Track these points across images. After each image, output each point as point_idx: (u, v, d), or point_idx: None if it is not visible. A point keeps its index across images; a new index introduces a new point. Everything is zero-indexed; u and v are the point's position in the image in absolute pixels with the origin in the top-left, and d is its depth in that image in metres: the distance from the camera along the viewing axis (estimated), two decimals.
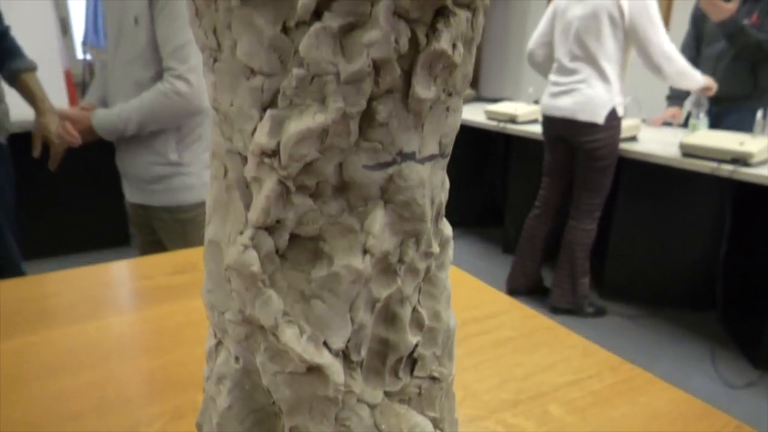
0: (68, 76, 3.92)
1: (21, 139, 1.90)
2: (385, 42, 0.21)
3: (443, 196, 0.28)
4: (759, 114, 2.28)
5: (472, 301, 0.84)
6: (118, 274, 0.90)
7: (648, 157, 2.37)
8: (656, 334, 2.50)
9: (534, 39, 2.54)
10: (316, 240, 0.25)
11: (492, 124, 3.16)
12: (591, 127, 2.30)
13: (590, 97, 2.28)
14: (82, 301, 0.78)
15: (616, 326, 2.58)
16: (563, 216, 2.64)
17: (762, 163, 2.12)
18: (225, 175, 0.26)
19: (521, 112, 3.06)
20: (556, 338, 0.75)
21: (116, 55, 1.37)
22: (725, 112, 2.61)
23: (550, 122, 2.46)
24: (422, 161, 0.25)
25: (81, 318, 0.73)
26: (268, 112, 0.22)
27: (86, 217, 3.27)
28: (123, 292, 0.82)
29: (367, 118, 0.23)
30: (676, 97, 2.89)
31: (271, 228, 0.24)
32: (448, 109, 0.25)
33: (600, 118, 2.27)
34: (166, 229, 1.49)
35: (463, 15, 0.23)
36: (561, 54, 2.38)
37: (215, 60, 0.24)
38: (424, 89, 0.23)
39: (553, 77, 2.44)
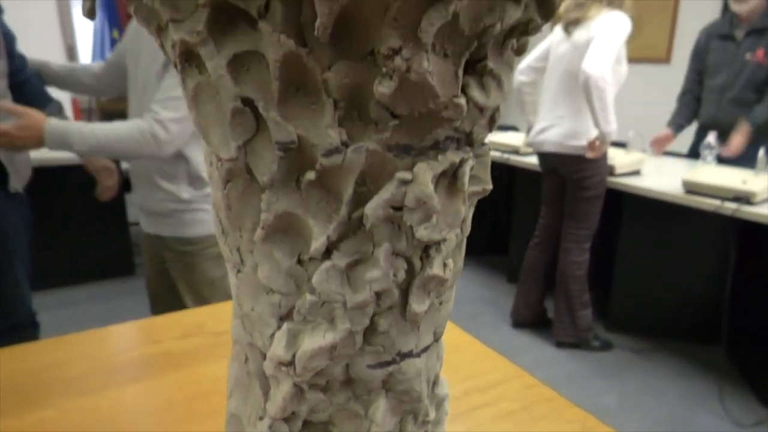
0: (75, 103, 3.99)
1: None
2: (385, 278, 0.25)
3: (438, 365, 0.31)
4: (761, 152, 2.31)
5: (474, 369, 0.86)
6: (128, 338, 0.94)
7: (650, 192, 2.40)
8: (663, 369, 2.50)
9: (522, 69, 2.57)
10: (327, 424, 0.28)
11: (496, 155, 3.20)
12: (577, 158, 2.34)
13: (574, 130, 2.32)
14: (94, 371, 0.81)
15: (622, 360, 2.58)
16: (556, 251, 2.67)
17: (765, 201, 2.14)
18: (246, 361, 0.29)
19: (523, 143, 3.10)
20: (556, 411, 0.77)
21: (142, 101, 1.43)
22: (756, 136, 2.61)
23: (541, 155, 2.52)
24: (419, 354, 0.28)
25: (93, 389, 0.76)
26: (285, 326, 0.26)
27: (91, 248, 3.33)
28: (133, 359, 0.85)
29: (370, 329, 0.26)
30: (678, 124, 2.90)
31: (286, 418, 0.27)
32: (441, 303, 0.29)
33: (585, 150, 2.31)
34: (174, 259, 1.59)
35: (452, 234, 0.26)
36: (548, 88, 2.42)
37: (238, 271, 0.27)
38: (419, 305, 0.26)
39: (540, 112, 2.49)
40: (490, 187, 0.28)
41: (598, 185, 2.40)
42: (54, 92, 1.77)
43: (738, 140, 2.53)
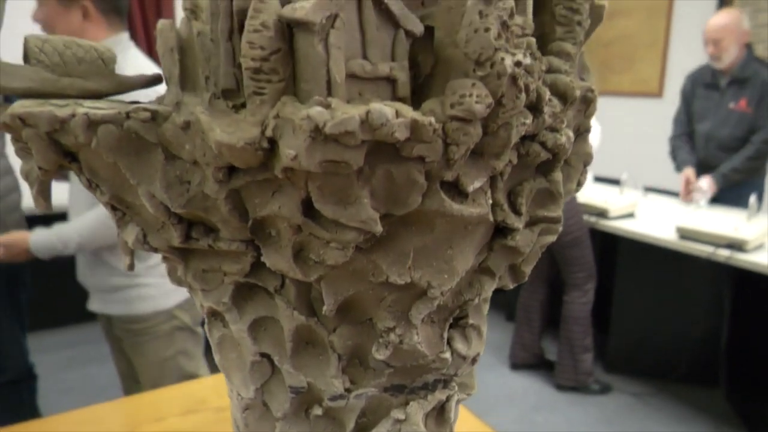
0: None
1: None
2: None
3: None
4: (752, 198, 2.36)
5: None
6: (130, 415, 0.96)
7: (644, 237, 2.44)
8: (662, 413, 2.51)
9: None
10: None
11: None
12: None
13: None
14: None
15: (621, 404, 2.59)
16: (557, 288, 2.70)
17: (756, 248, 2.18)
18: None
19: None
20: None
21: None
22: (724, 188, 2.67)
23: None
24: None
25: None
26: None
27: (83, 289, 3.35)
28: None
29: None
30: (690, 160, 2.80)
31: None
32: None
33: None
34: (126, 338, 1.55)
35: None
36: None
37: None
38: None
39: None
40: (474, 392, 0.32)
41: (575, 227, 2.42)
42: None
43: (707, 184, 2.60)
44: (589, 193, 2.80)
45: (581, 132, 0.41)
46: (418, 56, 0.33)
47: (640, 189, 3.05)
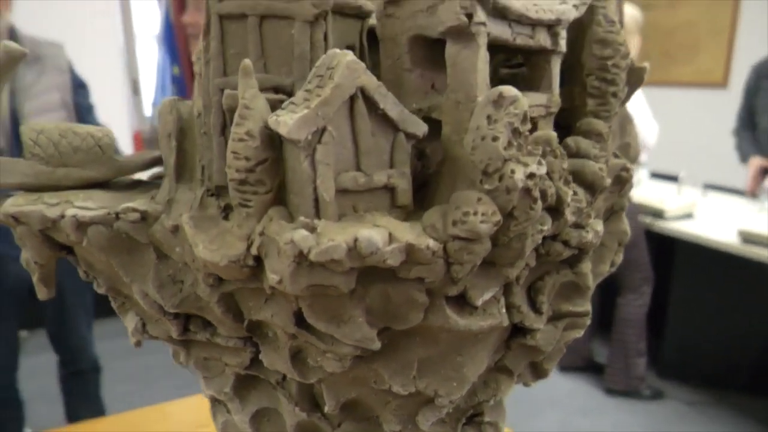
0: (137, 139, 4.15)
1: None
2: None
3: None
4: None
5: None
6: (192, 414, 0.96)
7: (703, 240, 2.32)
8: (718, 425, 2.40)
9: None
10: None
11: None
12: None
13: None
14: None
15: (673, 413, 2.49)
16: (609, 291, 2.60)
17: None
18: None
19: None
20: None
21: None
22: None
23: None
24: None
25: None
26: None
27: None
28: None
29: None
30: (748, 150, 2.59)
31: None
32: None
33: None
34: None
35: None
36: None
37: None
38: None
39: None
40: None
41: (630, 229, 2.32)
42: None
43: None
44: (645, 192, 2.67)
45: (615, 211, 0.37)
46: (426, 147, 0.31)
47: (699, 187, 2.89)
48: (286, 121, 0.24)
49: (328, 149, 0.25)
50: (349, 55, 0.25)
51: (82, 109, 1.65)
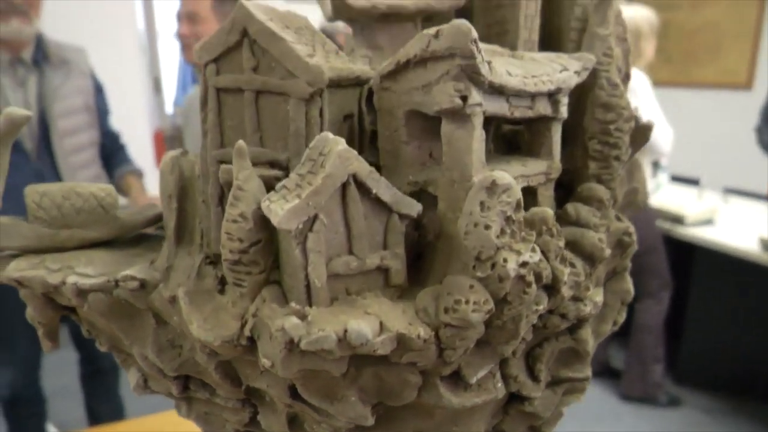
0: (157, 138, 4.16)
1: None
2: None
3: None
4: None
5: None
6: None
7: (723, 248, 2.28)
8: None
9: None
10: None
11: None
12: None
13: None
14: None
15: (690, 420, 2.46)
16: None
17: None
18: None
19: None
20: None
21: None
22: None
23: None
24: None
25: None
26: None
27: None
28: None
29: None
30: None
31: None
32: None
33: None
34: None
35: None
36: None
37: None
38: None
39: None
40: None
41: (646, 238, 2.28)
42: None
43: None
44: (665, 197, 2.63)
45: (618, 272, 0.37)
46: (423, 218, 0.30)
47: (720, 191, 2.83)
48: (277, 211, 0.24)
49: (319, 237, 0.25)
50: (341, 144, 0.25)
51: (101, 112, 1.68)
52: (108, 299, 0.31)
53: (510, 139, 0.37)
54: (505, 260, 0.25)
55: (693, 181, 2.91)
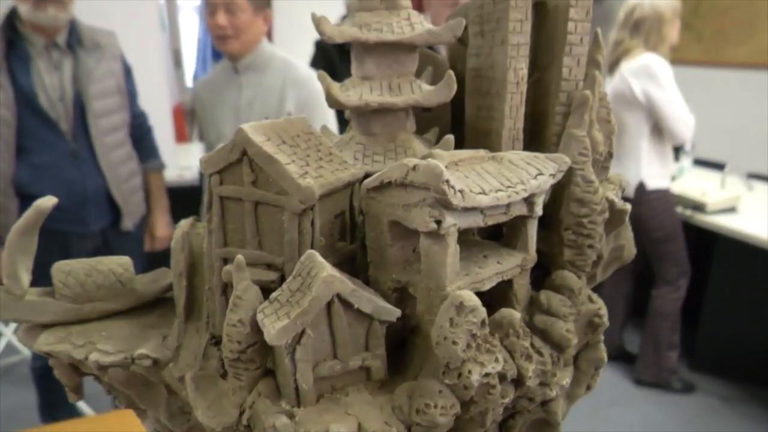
0: (177, 112, 4.16)
1: None
2: None
3: None
4: None
5: None
6: None
7: (745, 237, 2.26)
8: (752, 422, 2.38)
9: None
10: None
11: None
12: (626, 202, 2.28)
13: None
14: None
15: (704, 407, 2.48)
16: (645, 281, 2.57)
17: None
18: None
19: None
20: None
21: None
22: None
23: None
24: None
25: None
26: None
27: None
28: None
29: None
30: None
31: None
32: None
33: (629, 194, 2.21)
34: None
35: None
36: None
37: None
38: None
39: None
40: None
41: (665, 225, 2.28)
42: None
43: None
44: (687, 182, 2.60)
45: (591, 345, 0.40)
46: (406, 308, 0.33)
47: (744, 175, 2.79)
48: (270, 330, 0.28)
49: (306, 349, 0.29)
50: (326, 270, 0.28)
51: (131, 94, 1.73)
52: (125, 372, 0.35)
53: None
54: (470, 372, 0.28)
55: (718, 165, 2.86)
